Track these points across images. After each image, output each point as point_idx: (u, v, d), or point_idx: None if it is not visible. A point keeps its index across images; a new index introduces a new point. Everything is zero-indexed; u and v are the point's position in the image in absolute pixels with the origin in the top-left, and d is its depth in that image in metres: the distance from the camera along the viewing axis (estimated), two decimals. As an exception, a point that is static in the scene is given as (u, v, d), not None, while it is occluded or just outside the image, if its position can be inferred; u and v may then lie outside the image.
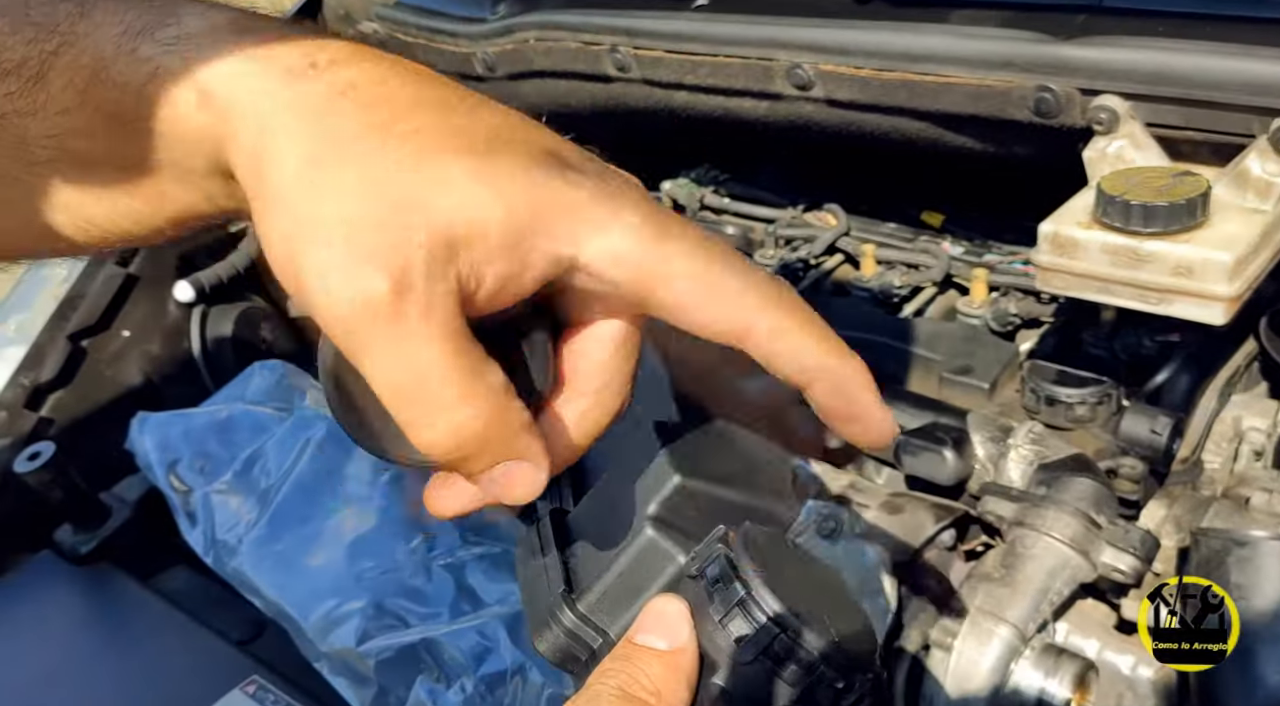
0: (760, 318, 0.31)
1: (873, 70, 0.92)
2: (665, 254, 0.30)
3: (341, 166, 0.27)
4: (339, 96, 0.28)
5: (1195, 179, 0.72)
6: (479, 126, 0.29)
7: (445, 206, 0.27)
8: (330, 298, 0.27)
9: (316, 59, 0.29)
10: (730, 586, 0.32)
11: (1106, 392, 0.90)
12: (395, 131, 0.28)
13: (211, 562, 0.83)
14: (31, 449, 0.87)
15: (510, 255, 0.28)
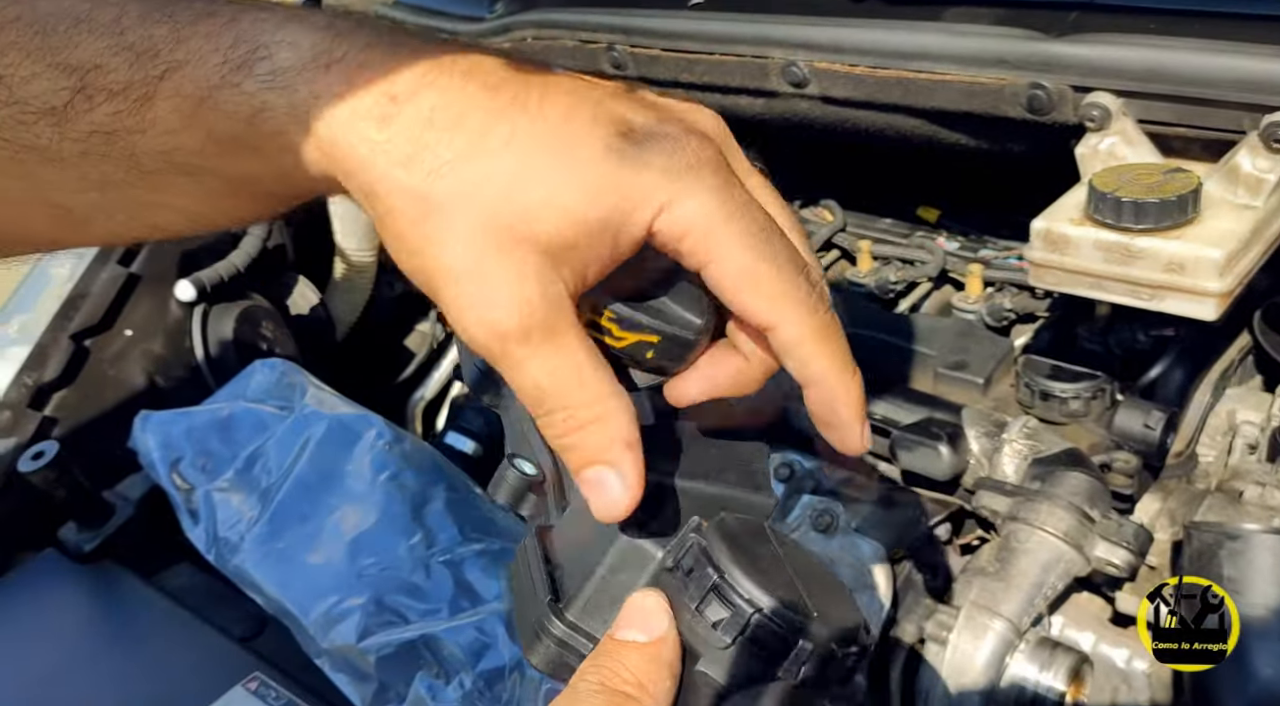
0: (786, 319, 0.33)
1: (867, 68, 0.93)
2: (721, 237, 0.32)
3: (445, 214, 0.31)
4: (423, 132, 0.31)
5: (1186, 175, 0.72)
6: (552, 120, 0.31)
7: (543, 230, 0.31)
8: (468, 332, 0.32)
9: (395, 92, 0.31)
10: (704, 572, 0.32)
11: (1100, 387, 0.90)
12: (477, 160, 0.31)
13: (214, 560, 0.84)
14: (35, 448, 0.88)
15: (603, 249, 0.32)
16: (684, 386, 0.38)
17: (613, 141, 0.31)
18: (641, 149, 0.32)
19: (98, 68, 0.33)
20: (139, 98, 0.33)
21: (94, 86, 0.33)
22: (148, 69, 0.33)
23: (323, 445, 0.90)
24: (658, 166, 0.32)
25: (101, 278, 1.07)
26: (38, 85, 0.33)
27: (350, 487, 0.85)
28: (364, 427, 0.91)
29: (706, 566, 0.32)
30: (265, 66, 0.32)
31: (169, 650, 0.79)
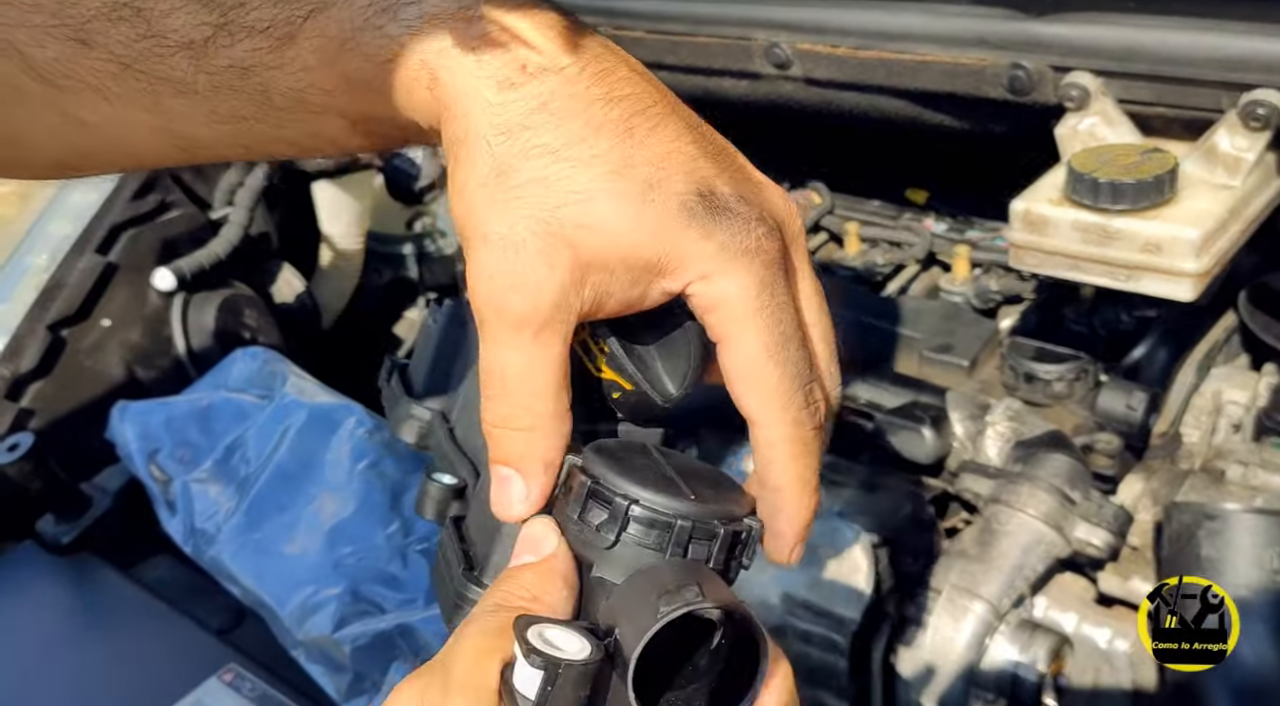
0: (770, 422, 0.34)
1: (849, 49, 0.92)
2: (744, 325, 0.34)
3: (516, 189, 0.32)
4: (535, 111, 0.32)
5: (1163, 156, 0.72)
6: (648, 155, 0.33)
7: (591, 246, 0.32)
8: (478, 294, 0.33)
9: (527, 62, 0.32)
10: (580, 482, 0.33)
11: (1083, 369, 0.90)
12: (568, 159, 0.32)
13: (190, 551, 0.84)
14: (10, 440, 0.87)
15: (633, 287, 0.33)
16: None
17: (690, 200, 0.33)
18: (713, 217, 0.33)
19: (241, 4, 0.33)
20: (281, 36, 0.33)
21: (236, 23, 0.33)
22: (293, 9, 0.33)
23: (302, 434, 0.90)
24: (719, 239, 0.33)
25: (79, 267, 1.06)
26: (177, 19, 0.34)
27: (329, 476, 0.85)
28: (344, 416, 0.91)
29: (581, 476, 0.33)
30: (413, 11, 0.33)
31: (145, 642, 0.79)
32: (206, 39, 0.34)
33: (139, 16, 0.34)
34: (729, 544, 0.32)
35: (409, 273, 1.51)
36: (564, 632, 0.30)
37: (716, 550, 0.32)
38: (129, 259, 1.10)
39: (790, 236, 0.36)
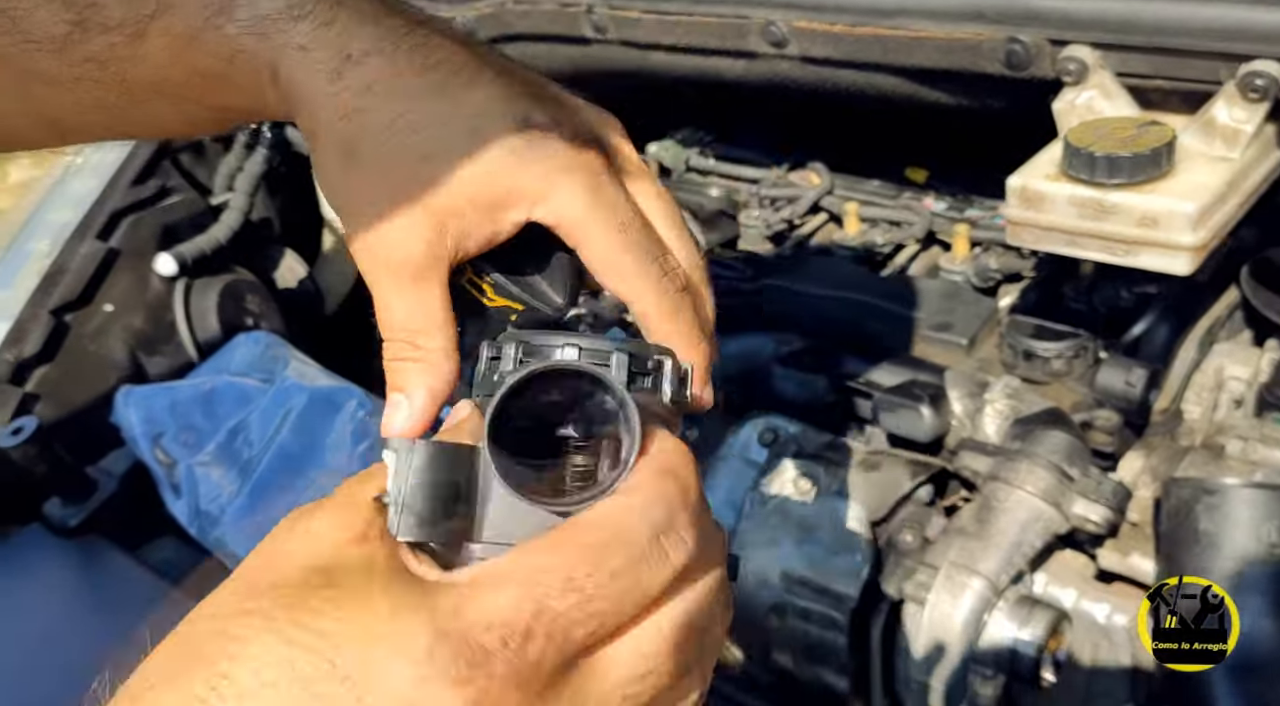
0: (638, 298, 0.39)
1: (845, 26, 0.91)
2: (587, 228, 0.38)
3: (364, 166, 0.37)
4: (363, 93, 0.37)
5: (1160, 128, 0.71)
6: (467, 110, 0.37)
7: (439, 198, 0.37)
8: (360, 258, 0.38)
9: (351, 51, 0.37)
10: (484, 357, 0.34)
11: (1083, 346, 0.90)
12: (400, 129, 0.37)
13: (195, 533, 0.84)
14: (15, 424, 0.88)
15: (487, 224, 0.38)
16: None
17: (510, 138, 0.37)
18: (533, 147, 0.37)
19: (93, 4, 0.37)
20: (131, 33, 0.37)
21: (91, 21, 0.37)
22: (139, 8, 0.37)
23: (303, 417, 0.90)
24: (543, 165, 0.37)
25: (80, 253, 1.07)
26: (39, 16, 0.37)
27: (330, 459, 0.85)
28: (344, 399, 0.91)
29: (485, 352, 0.34)
30: (245, 12, 0.37)
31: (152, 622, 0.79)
32: (66, 35, 0.37)
33: (4, 15, 0.37)
34: (624, 364, 0.33)
35: (412, 256, 1.51)
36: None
37: (615, 367, 0.32)
38: (130, 244, 1.11)
39: (611, 146, 0.41)
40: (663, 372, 0.34)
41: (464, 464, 0.30)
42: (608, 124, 0.42)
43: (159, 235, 1.13)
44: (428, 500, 0.29)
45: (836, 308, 1.03)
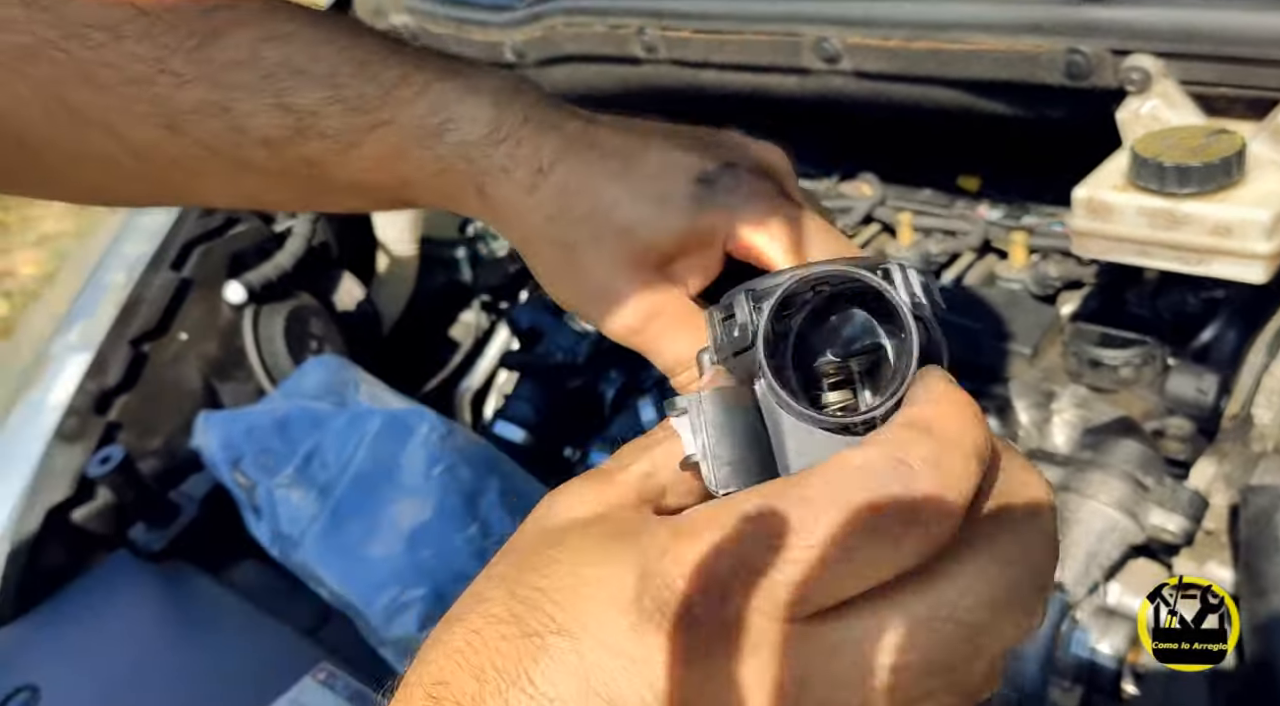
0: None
1: (900, 40, 0.92)
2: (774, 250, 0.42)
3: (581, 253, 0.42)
4: (561, 194, 0.42)
5: (1230, 137, 0.71)
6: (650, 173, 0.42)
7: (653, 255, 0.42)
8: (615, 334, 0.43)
9: (541, 165, 0.42)
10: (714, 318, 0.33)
11: (1150, 353, 0.89)
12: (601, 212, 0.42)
13: (277, 555, 0.86)
14: (102, 453, 0.91)
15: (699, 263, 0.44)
16: None
17: (694, 189, 0.42)
18: (712, 193, 0.42)
19: (314, 113, 0.41)
20: (347, 143, 0.42)
21: (310, 129, 0.41)
22: (358, 121, 0.41)
23: (378, 440, 0.92)
24: (724, 204, 0.42)
25: (155, 284, 1.10)
26: (259, 120, 0.41)
27: (406, 481, 0.87)
28: (417, 421, 0.93)
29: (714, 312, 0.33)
30: (454, 136, 0.42)
31: (238, 644, 0.82)
32: (284, 138, 0.41)
33: (226, 114, 0.41)
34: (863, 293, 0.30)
35: (462, 276, 1.53)
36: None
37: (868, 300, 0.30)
38: (201, 274, 1.14)
39: (782, 173, 0.45)
40: (893, 278, 0.30)
41: (749, 402, 0.30)
42: (775, 156, 0.46)
43: (228, 263, 1.16)
44: (734, 445, 0.29)
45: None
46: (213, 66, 0.40)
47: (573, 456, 1.16)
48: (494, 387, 1.49)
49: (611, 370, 1.18)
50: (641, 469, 0.31)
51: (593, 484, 0.31)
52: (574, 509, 0.30)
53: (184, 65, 0.40)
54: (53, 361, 1.04)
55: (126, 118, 0.41)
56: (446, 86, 0.42)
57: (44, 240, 3.50)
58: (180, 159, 0.42)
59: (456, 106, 0.42)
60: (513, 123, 0.42)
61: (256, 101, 0.41)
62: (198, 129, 0.41)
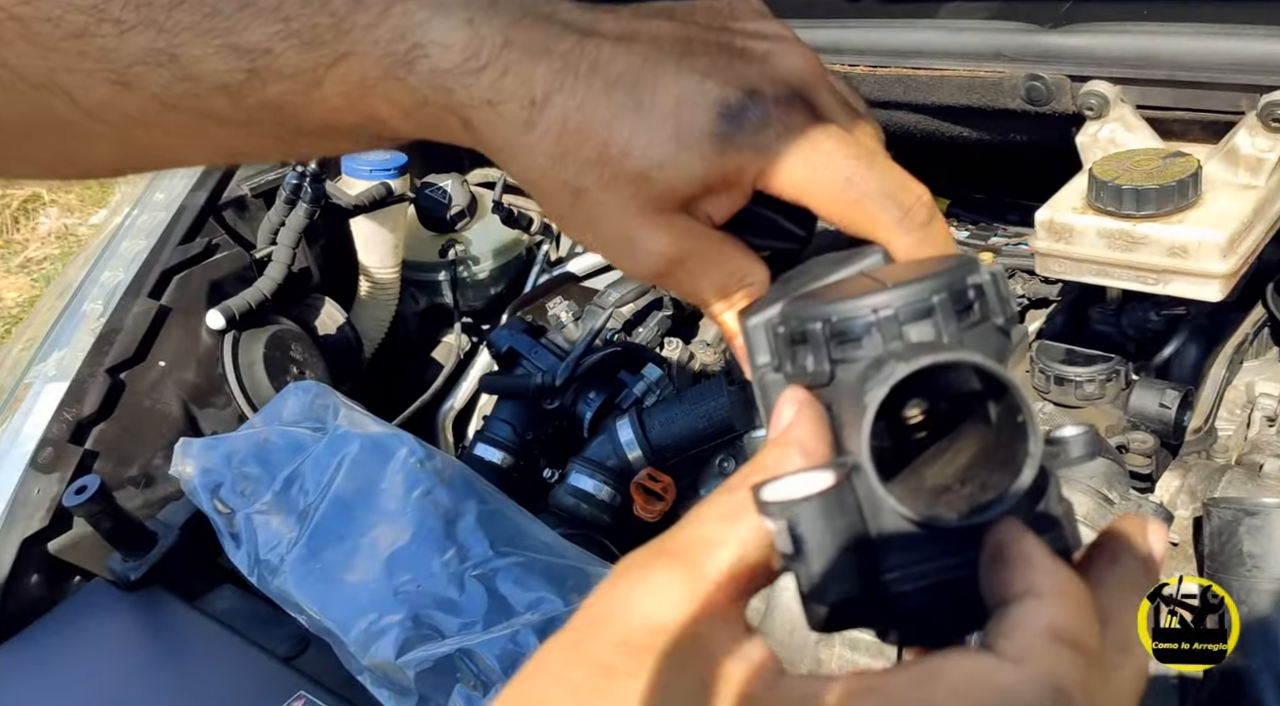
0: (888, 244, 0.39)
1: (867, 67, 0.94)
2: (815, 191, 0.38)
3: (594, 198, 0.38)
4: (563, 133, 0.37)
5: (1185, 159, 0.73)
6: (662, 112, 0.37)
7: (673, 197, 0.38)
8: (639, 276, 0.40)
9: (534, 97, 0.37)
10: (774, 333, 0.33)
11: (1114, 369, 0.91)
12: (612, 155, 0.37)
13: (256, 582, 0.87)
14: (78, 483, 0.91)
15: (722, 201, 0.39)
16: None
17: (716, 126, 0.37)
18: (740, 128, 0.37)
19: (268, 52, 0.37)
20: (308, 82, 0.37)
21: (266, 69, 0.37)
22: (315, 57, 0.37)
23: (356, 465, 0.93)
24: (752, 144, 0.37)
25: (134, 311, 1.10)
26: (210, 65, 0.37)
27: (384, 505, 0.87)
28: (396, 446, 0.94)
29: (776, 327, 0.33)
30: (424, 65, 0.37)
31: (217, 672, 0.82)
32: (240, 83, 0.38)
33: (175, 62, 0.37)
34: (949, 309, 0.29)
35: (444, 299, 1.54)
36: (800, 478, 0.28)
37: (942, 322, 0.29)
38: (180, 301, 1.14)
39: (812, 92, 0.39)
40: (985, 295, 0.29)
41: (851, 499, 0.28)
42: (802, 66, 0.40)
43: (207, 291, 1.17)
44: (837, 557, 0.27)
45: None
46: (154, 8, 0.37)
47: (551, 477, 1.17)
48: (476, 409, 1.50)
49: (590, 391, 1.20)
50: (731, 555, 0.28)
51: (679, 575, 0.28)
52: (660, 610, 0.27)
53: (123, 10, 0.37)
54: (29, 391, 1.04)
55: (75, 76, 0.38)
56: (409, 6, 0.37)
57: (27, 265, 3.49)
58: (139, 117, 0.39)
59: (424, 29, 0.37)
60: (493, 46, 0.37)
61: (204, 44, 0.37)
62: (148, 81, 0.38)
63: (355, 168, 1.39)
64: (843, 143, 0.38)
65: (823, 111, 0.39)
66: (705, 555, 0.28)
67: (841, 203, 0.37)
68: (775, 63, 0.39)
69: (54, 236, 3.61)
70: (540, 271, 1.59)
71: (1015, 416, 0.27)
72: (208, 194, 1.22)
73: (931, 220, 0.38)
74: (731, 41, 0.39)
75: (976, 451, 0.29)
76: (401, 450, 0.91)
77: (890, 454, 0.29)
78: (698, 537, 0.29)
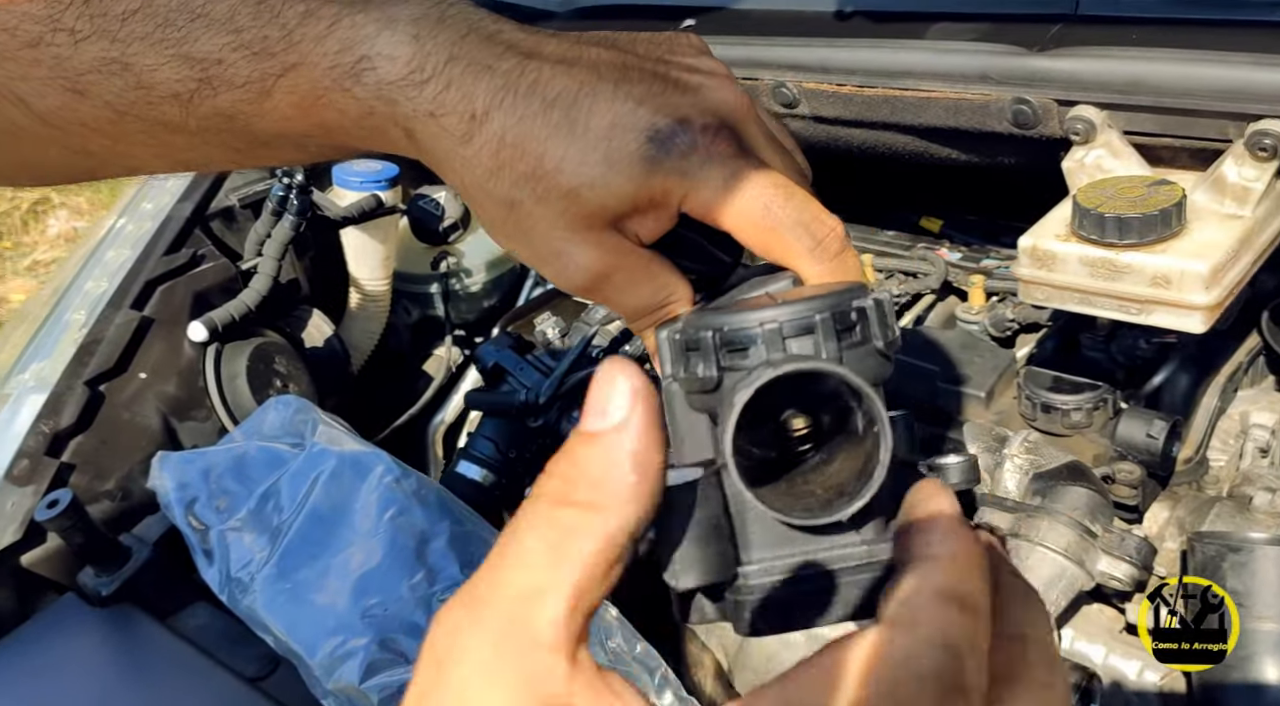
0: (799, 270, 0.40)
1: (854, 87, 0.93)
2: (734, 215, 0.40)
3: (526, 212, 0.40)
4: (500, 147, 0.39)
5: (1170, 188, 0.72)
6: (595, 135, 0.39)
7: (603, 214, 0.39)
8: (569, 289, 0.41)
9: (475, 112, 0.38)
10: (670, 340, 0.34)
11: (1102, 398, 0.90)
12: (546, 171, 0.39)
13: (226, 600, 0.86)
14: (50, 496, 0.90)
15: (649, 222, 0.41)
16: None
17: (645, 150, 0.39)
18: (667, 153, 0.39)
19: (219, 62, 0.38)
20: (258, 91, 0.39)
21: (217, 78, 0.38)
22: (265, 67, 0.38)
23: (331, 482, 0.92)
24: (678, 168, 0.39)
25: (115, 323, 1.10)
26: (162, 74, 0.38)
27: (357, 525, 0.86)
28: (372, 464, 0.93)
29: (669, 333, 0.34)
30: (371, 77, 0.38)
31: (184, 693, 0.81)
32: (191, 92, 0.39)
33: (128, 72, 0.38)
34: (829, 328, 0.31)
35: (436, 311, 1.53)
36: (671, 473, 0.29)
37: (822, 338, 0.31)
38: (163, 313, 1.13)
39: (739, 119, 0.41)
40: (868, 318, 0.32)
41: (716, 495, 0.30)
42: (732, 100, 0.42)
43: (191, 302, 1.16)
44: (696, 535, 0.29)
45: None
46: (108, 19, 0.38)
47: (534, 496, 1.15)
48: (466, 423, 1.49)
49: (574, 409, 1.18)
50: (564, 604, 0.26)
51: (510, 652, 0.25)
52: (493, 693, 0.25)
53: (77, 20, 0.38)
54: (9, 401, 1.04)
55: (30, 84, 0.39)
56: (358, 19, 0.39)
57: (35, 267, 3.50)
58: (94, 124, 0.40)
59: (371, 43, 0.39)
60: (437, 61, 0.38)
61: (157, 54, 0.38)
62: (102, 89, 0.39)
63: (346, 179, 1.39)
64: (763, 173, 0.39)
65: (749, 144, 0.41)
66: (534, 613, 0.26)
67: (759, 229, 0.39)
68: (707, 95, 0.41)
69: (63, 239, 3.62)
70: (534, 285, 1.58)
71: (873, 427, 0.28)
72: (195, 204, 1.22)
73: (843, 251, 0.40)
74: (667, 72, 0.41)
75: (845, 460, 0.31)
76: (378, 468, 0.90)
77: (775, 462, 0.32)
78: (525, 587, 0.26)
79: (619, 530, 0.27)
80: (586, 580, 0.26)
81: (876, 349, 0.32)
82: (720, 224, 0.40)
